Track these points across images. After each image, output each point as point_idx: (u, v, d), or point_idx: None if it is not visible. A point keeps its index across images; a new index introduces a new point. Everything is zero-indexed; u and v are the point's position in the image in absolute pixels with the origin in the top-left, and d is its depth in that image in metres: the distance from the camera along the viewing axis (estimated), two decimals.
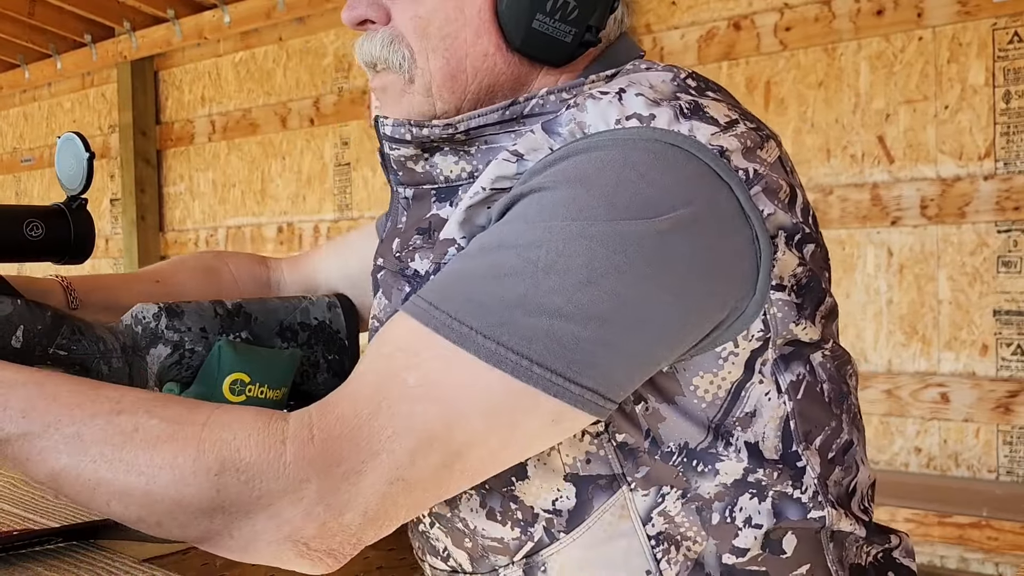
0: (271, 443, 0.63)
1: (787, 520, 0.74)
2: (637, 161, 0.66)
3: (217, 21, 4.32)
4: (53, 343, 0.79)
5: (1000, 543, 2.39)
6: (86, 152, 0.77)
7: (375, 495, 0.63)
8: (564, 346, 0.63)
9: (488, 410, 0.64)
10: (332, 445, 0.62)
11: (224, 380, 0.86)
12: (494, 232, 0.68)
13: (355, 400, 0.64)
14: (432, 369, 0.64)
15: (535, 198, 0.68)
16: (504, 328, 0.63)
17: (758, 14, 2.98)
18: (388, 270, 0.83)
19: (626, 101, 0.70)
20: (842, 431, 0.78)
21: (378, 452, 0.62)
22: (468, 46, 0.78)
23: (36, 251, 0.78)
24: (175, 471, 0.62)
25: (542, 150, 0.71)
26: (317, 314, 0.98)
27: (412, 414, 0.63)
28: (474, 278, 0.66)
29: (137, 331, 0.85)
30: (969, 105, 2.65)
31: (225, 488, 0.62)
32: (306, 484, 0.62)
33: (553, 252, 0.64)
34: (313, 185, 4.33)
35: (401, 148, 0.80)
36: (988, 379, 2.63)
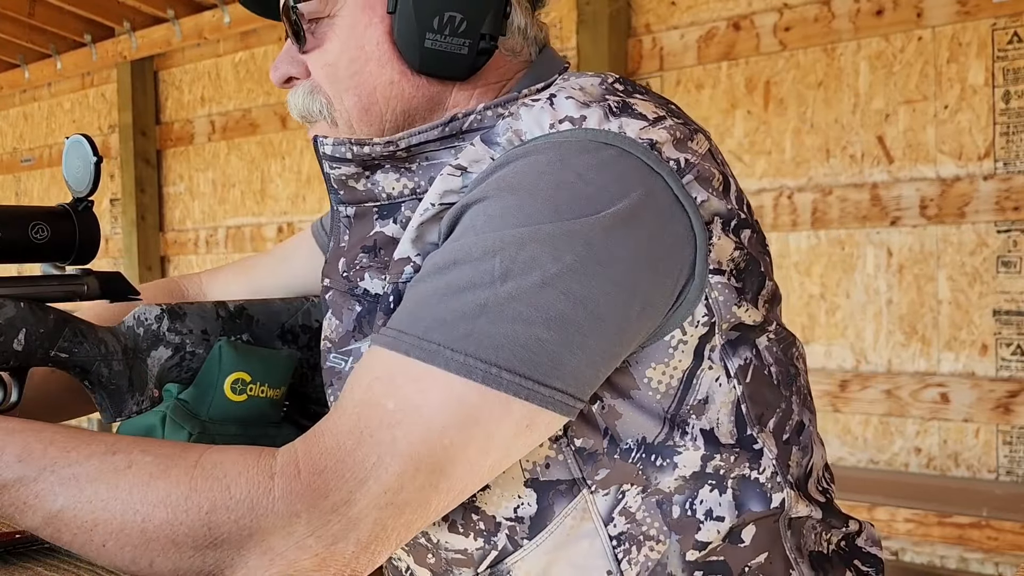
0: (260, 479, 0.63)
1: (749, 512, 0.75)
2: (573, 162, 0.69)
3: (217, 21, 4.32)
4: (55, 346, 0.79)
5: (1000, 543, 2.40)
6: (94, 156, 0.77)
7: (366, 522, 0.64)
8: (529, 350, 0.65)
9: (464, 421, 0.65)
10: (318, 478, 0.63)
11: (225, 379, 0.86)
12: (446, 250, 0.70)
13: (337, 433, 0.65)
14: (408, 392, 0.65)
15: (480, 208, 0.69)
16: (470, 339, 0.64)
17: (758, 14, 2.98)
18: (336, 290, 0.85)
19: (557, 105, 0.73)
20: (792, 412, 0.80)
21: (365, 480, 0.63)
22: (374, 79, 0.81)
23: (41, 253, 0.78)
24: (168, 508, 0.63)
25: (484, 161, 0.73)
26: (318, 316, 0.98)
27: (394, 439, 0.64)
28: (434, 297, 0.67)
29: (139, 333, 0.85)
30: (969, 105, 2.65)
31: (216, 526, 0.62)
32: (295, 518, 0.62)
33: (507, 259, 0.66)
34: (313, 185, 4.33)
35: (342, 167, 0.82)
36: (988, 379, 2.63)
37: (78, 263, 0.81)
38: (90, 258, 0.82)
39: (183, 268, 4.98)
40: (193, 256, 4.91)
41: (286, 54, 0.87)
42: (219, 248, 4.74)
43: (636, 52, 3.22)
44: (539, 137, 0.72)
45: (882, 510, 2.52)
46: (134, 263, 4.88)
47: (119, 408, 0.84)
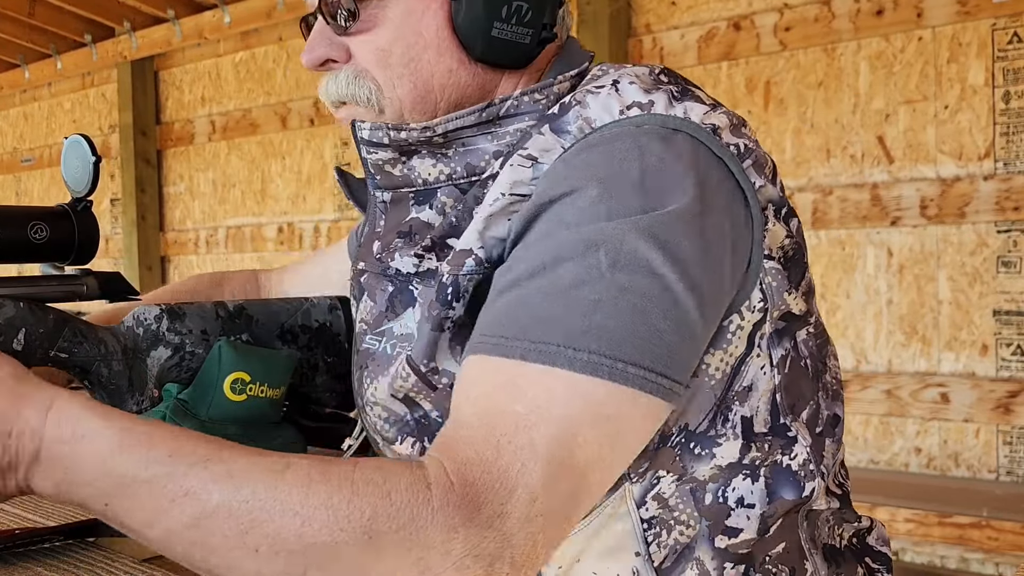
0: (419, 487, 0.59)
1: (780, 499, 0.75)
2: (651, 148, 0.69)
3: (217, 21, 4.32)
4: (55, 346, 0.79)
5: (1000, 543, 2.40)
6: (92, 156, 0.77)
7: (519, 538, 0.60)
8: (649, 342, 0.63)
9: (595, 419, 0.63)
10: (470, 490, 0.60)
11: (225, 379, 0.86)
12: (538, 249, 0.68)
13: (473, 444, 0.62)
14: (535, 395, 0.62)
15: (567, 203, 0.68)
16: (589, 336, 0.63)
17: (758, 14, 2.98)
18: (371, 272, 0.84)
19: (622, 91, 0.73)
20: (821, 406, 0.81)
21: (513, 489, 0.60)
22: (432, 66, 0.80)
23: (40, 253, 0.78)
24: (330, 511, 0.57)
25: (554, 150, 0.72)
26: (318, 316, 0.98)
27: (533, 442, 0.61)
28: (540, 298, 0.65)
29: (138, 333, 0.85)
30: (969, 105, 2.65)
31: (377, 536, 0.57)
32: (454, 533, 0.58)
33: (612, 252, 0.65)
34: (313, 185, 4.33)
35: (379, 152, 0.81)
36: (988, 379, 2.63)
37: (77, 263, 0.81)
38: (89, 258, 0.82)
39: (183, 268, 4.98)
40: (193, 256, 4.91)
41: (321, 36, 0.83)
42: (219, 248, 4.74)
43: (636, 52, 3.22)
44: (610, 124, 0.71)
45: (882, 510, 2.52)
46: (134, 263, 4.88)
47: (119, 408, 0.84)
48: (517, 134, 0.78)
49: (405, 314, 0.80)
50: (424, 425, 0.79)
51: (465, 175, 0.80)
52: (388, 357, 0.80)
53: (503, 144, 0.78)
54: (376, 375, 0.81)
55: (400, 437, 0.81)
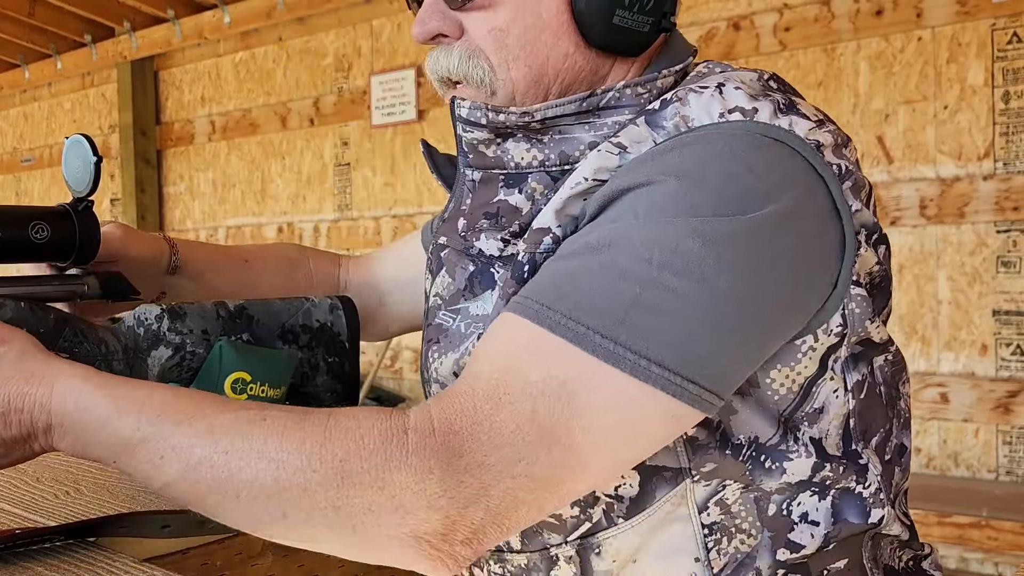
0: (394, 431, 0.62)
1: (845, 522, 0.74)
2: (743, 155, 0.67)
3: (217, 21, 4.32)
4: (55, 345, 0.79)
5: (1000, 543, 2.40)
6: (94, 156, 0.77)
7: (498, 490, 0.62)
8: (681, 346, 0.63)
9: (607, 407, 0.63)
10: (454, 438, 0.62)
11: (226, 379, 0.86)
12: (602, 230, 0.67)
13: (474, 396, 0.63)
14: (552, 366, 0.63)
15: (643, 193, 0.67)
16: (621, 328, 0.63)
17: (757, 14, 2.98)
18: (452, 248, 0.83)
19: (727, 95, 0.71)
20: (892, 433, 0.80)
21: (501, 446, 0.62)
22: (548, 49, 0.78)
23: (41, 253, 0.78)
24: (302, 456, 0.61)
25: (646, 143, 0.71)
26: (319, 316, 0.98)
27: (535, 411, 0.62)
28: (585, 276, 0.65)
29: (139, 333, 0.85)
30: (968, 105, 2.65)
31: (349, 476, 0.61)
32: (429, 475, 0.61)
33: (667, 252, 0.64)
34: (313, 185, 4.33)
35: (475, 131, 0.80)
36: (988, 379, 2.63)
37: (78, 263, 0.81)
38: (90, 258, 0.82)
39: None
40: None
41: (434, 8, 0.80)
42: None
43: None
44: (708, 125, 0.70)
45: None
46: None
47: None
48: (615, 126, 0.76)
49: (484, 295, 0.79)
50: None
51: (558, 163, 0.79)
52: (461, 335, 0.79)
53: (600, 135, 0.77)
54: (445, 351, 0.80)
55: None
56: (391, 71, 3.98)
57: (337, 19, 4.16)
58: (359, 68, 4.12)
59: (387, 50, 4.03)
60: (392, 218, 4.03)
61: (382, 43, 4.05)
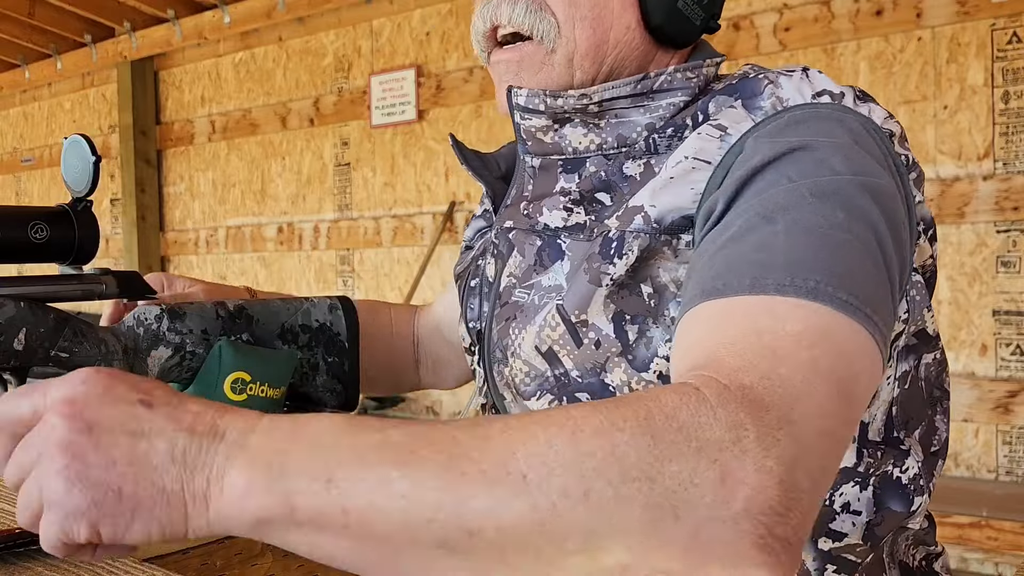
0: (687, 389, 0.51)
1: (888, 510, 0.75)
2: (856, 131, 0.69)
3: (217, 21, 4.32)
4: (55, 345, 0.79)
5: (1000, 543, 2.40)
6: (92, 156, 0.77)
7: (815, 451, 0.51)
8: (884, 300, 0.62)
9: (861, 354, 0.58)
10: (749, 392, 0.51)
11: (225, 379, 0.86)
12: (762, 202, 0.65)
13: (743, 354, 0.54)
14: (806, 317, 0.57)
15: (787, 162, 0.67)
16: (846, 279, 0.59)
17: (757, 14, 2.98)
18: (519, 229, 0.84)
19: (813, 77, 0.74)
20: (937, 429, 0.81)
21: (798, 397, 0.52)
22: (614, 17, 0.80)
23: (40, 253, 0.78)
24: (599, 414, 0.49)
25: (744, 123, 0.72)
26: (318, 316, 0.98)
27: (814, 359, 0.55)
28: (784, 239, 0.62)
29: (139, 333, 0.85)
30: (968, 105, 2.65)
31: (658, 434, 0.48)
32: (744, 431, 0.49)
33: (846, 202, 0.63)
34: (313, 185, 4.33)
35: (533, 118, 0.82)
36: (987, 379, 2.63)
37: (77, 263, 0.81)
38: (89, 258, 0.82)
39: (183, 268, 4.98)
40: (193, 256, 4.91)
41: None
42: (219, 248, 4.74)
43: None
44: (802, 104, 0.71)
45: None
46: (134, 263, 4.88)
47: None
48: (670, 108, 0.78)
49: (553, 267, 0.80)
50: (564, 384, 0.79)
51: (615, 146, 0.80)
52: (535, 307, 0.80)
53: (655, 117, 0.78)
54: (524, 325, 0.80)
55: (539, 392, 0.80)
56: (391, 71, 3.98)
57: (337, 19, 4.16)
58: (359, 68, 4.13)
59: (387, 50, 4.03)
60: (392, 218, 4.03)
61: (382, 43, 4.05)
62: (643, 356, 0.74)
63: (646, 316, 0.74)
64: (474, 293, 0.91)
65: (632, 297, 0.74)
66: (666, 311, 0.73)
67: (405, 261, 4.01)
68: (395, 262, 4.05)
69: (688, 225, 0.72)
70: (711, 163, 0.71)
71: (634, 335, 0.74)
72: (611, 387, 0.75)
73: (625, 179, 0.78)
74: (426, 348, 1.16)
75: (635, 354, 0.74)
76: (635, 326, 0.74)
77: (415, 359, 1.17)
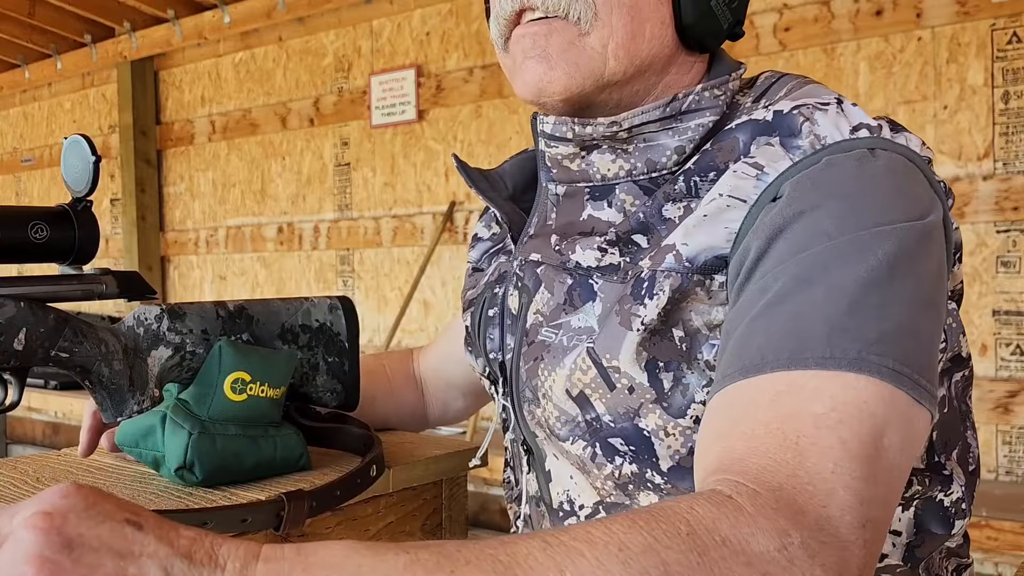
0: (719, 499, 0.50)
1: (928, 532, 0.74)
2: (896, 169, 0.68)
3: (217, 21, 4.32)
4: (55, 345, 0.79)
5: (999, 543, 2.40)
6: (92, 155, 0.77)
7: (858, 545, 0.51)
8: (927, 354, 0.61)
9: (900, 422, 0.58)
10: (781, 493, 0.51)
11: (225, 379, 0.86)
12: (800, 263, 0.64)
13: (766, 452, 0.54)
14: (835, 394, 0.56)
15: (822, 215, 0.65)
16: (885, 343, 0.59)
17: (757, 15, 2.98)
18: (548, 264, 0.81)
19: (847, 111, 0.72)
20: (971, 445, 0.80)
21: (832, 491, 0.52)
22: (650, 10, 0.77)
23: (40, 253, 0.78)
24: (643, 533, 0.48)
25: (782, 162, 0.70)
26: (318, 316, 0.98)
27: (844, 440, 0.54)
28: (822, 307, 0.61)
29: (139, 333, 0.85)
30: (968, 105, 2.66)
31: (704, 552, 0.47)
32: (786, 536, 0.48)
33: (888, 257, 0.62)
34: (313, 185, 4.33)
35: (560, 146, 0.79)
36: (987, 379, 2.63)
37: (77, 263, 0.81)
38: (89, 258, 0.82)
39: (183, 268, 4.98)
40: (193, 256, 4.91)
41: None
42: (219, 248, 4.74)
43: None
44: (841, 142, 0.69)
45: None
46: (134, 263, 4.88)
47: (120, 408, 0.84)
48: (699, 129, 0.76)
49: (584, 308, 0.77)
50: (595, 429, 0.76)
51: (645, 171, 0.78)
52: (564, 348, 0.77)
53: (684, 139, 0.76)
54: (553, 367, 0.78)
55: (572, 438, 0.78)
56: (391, 71, 3.98)
57: (337, 19, 4.16)
58: (359, 68, 4.13)
59: (387, 50, 4.03)
60: (392, 218, 4.03)
61: (382, 43, 4.05)
62: (679, 403, 0.72)
63: (680, 362, 0.71)
64: (493, 323, 0.88)
65: (664, 343, 0.72)
66: (699, 355, 0.71)
67: (405, 261, 4.01)
68: (395, 262, 4.05)
69: (722, 265, 0.70)
70: (746, 201, 0.69)
71: (669, 383, 0.72)
72: (646, 431, 0.73)
73: (664, 222, 0.75)
74: (431, 390, 1.16)
75: (670, 401, 0.72)
76: (669, 373, 0.72)
77: (424, 402, 1.16)
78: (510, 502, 0.94)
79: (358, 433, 0.96)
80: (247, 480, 0.86)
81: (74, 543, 0.44)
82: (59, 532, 0.44)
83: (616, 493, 0.77)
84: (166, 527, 0.46)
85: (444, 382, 1.15)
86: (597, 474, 0.78)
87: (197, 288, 4.89)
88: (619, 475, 0.76)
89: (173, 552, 0.45)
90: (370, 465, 0.85)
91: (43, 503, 0.45)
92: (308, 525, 0.79)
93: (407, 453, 0.98)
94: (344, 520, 0.87)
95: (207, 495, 0.82)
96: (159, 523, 0.46)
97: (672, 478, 0.74)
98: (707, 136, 0.77)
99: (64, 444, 5.19)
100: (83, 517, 0.45)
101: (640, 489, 0.76)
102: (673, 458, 0.73)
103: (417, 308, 3.90)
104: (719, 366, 0.65)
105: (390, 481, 0.92)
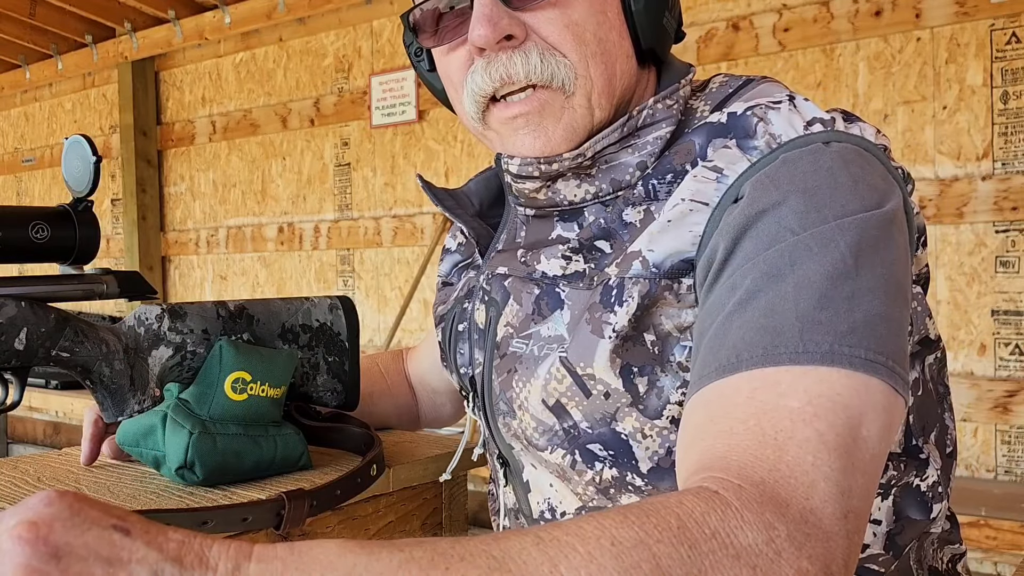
0: (706, 495, 0.51)
1: (907, 519, 0.75)
2: (852, 160, 0.69)
3: (218, 22, 4.33)
4: (56, 345, 0.79)
5: (999, 542, 2.40)
6: (93, 156, 0.78)
7: (841, 536, 0.52)
8: (898, 340, 0.62)
9: (875, 412, 0.58)
10: (765, 488, 0.52)
11: (226, 379, 0.86)
12: (768, 260, 0.64)
13: (744, 450, 0.55)
14: (808, 388, 0.57)
15: (785, 211, 0.66)
16: (856, 334, 0.60)
17: (757, 15, 2.98)
18: (516, 276, 0.82)
19: (800, 106, 0.73)
20: (948, 428, 0.81)
21: (814, 482, 0.53)
22: (617, 49, 0.78)
23: (41, 253, 0.79)
24: (635, 527, 0.48)
25: (740, 163, 0.71)
26: (319, 316, 0.98)
27: (820, 434, 0.55)
28: (786, 303, 0.62)
29: (140, 332, 0.86)
30: (967, 106, 2.66)
31: (695, 544, 0.48)
32: (772, 529, 0.49)
33: (852, 248, 0.63)
34: (313, 185, 4.33)
35: (526, 183, 0.81)
36: (986, 379, 2.64)
37: (78, 263, 0.82)
38: (90, 258, 0.82)
39: (184, 268, 4.98)
40: (194, 256, 4.91)
41: (498, 9, 0.75)
42: (220, 248, 4.75)
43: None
44: (796, 139, 0.70)
45: None
46: (135, 263, 4.88)
47: (121, 407, 0.84)
48: (658, 142, 0.77)
49: (553, 316, 0.78)
50: (574, 436, 0.77)
51: (611, 191, 0.78)
52: (536, 359, 0.78)
53: (644, 154, 0.77)
54: (528, 378, 0.79)
55: (550, 447, 0.79)
56: (391, 72, 3.98)
57: (337, 20, 4.16)
58: (359, 68, 4.13)
59: (387, 51, 4.03)
60: (392, 218, 4.03)
61: (382, 44, 4.05)
62: (655, 405, 0.73)
63: (653, 365, 0.72)
64: (463, 338, 0.89)
65: (637, 348, 0.72)
66: (672, 357, 0.72)
67: (405, 261, 4.01)
68: (395, 262, 4.06)
69: (689, 268, 0.71)
70: (708, 204, 0.70)
71: (644, 386, 0.73)
72: (623, 435, 0.74)
73: (625, 226, 0.76)
74: (420, 391, 1.17)
75: (646, 404, 0.73)
76: (644, 377, 0.72)
77: (415, 400, 1.18)
78: (493, 515, 0.95)
79: (358, 432, 0.97)
80: (247, 479, 0.86)
81: (61, 552, 0.43)
82: (45, 542, 0.43)
83: (598, 497, 0.78)
84: (154, 531, 0.45)
85: (431, 388, 1.16)
86: (578, 480, 0.79)
87: (198, 288, 4.89)
88: (600, 480, 0.77)
89: (162, 556, 0.44)
90: (370, 464, 0.86)
91: (27, 512, 0.44)
92: (308, 524, 0.80)
93: (407, 453, 0.99)
94: (344, 519, 0.88)
95: (208, 494, 0.82)
96: (147, 527, 0.45)
97: (652, 479, 0.74)
98: (665, 146, 0.78)
99: (65, 443, 5.19)
100: (69, 525, 0.44)
101: (621, 492, 0.76)
102: (652, 459, 0.74)
103: (417, 308, 3.90)
104: (695, 367, 0.66)
105: (390, 480, 0.92)
